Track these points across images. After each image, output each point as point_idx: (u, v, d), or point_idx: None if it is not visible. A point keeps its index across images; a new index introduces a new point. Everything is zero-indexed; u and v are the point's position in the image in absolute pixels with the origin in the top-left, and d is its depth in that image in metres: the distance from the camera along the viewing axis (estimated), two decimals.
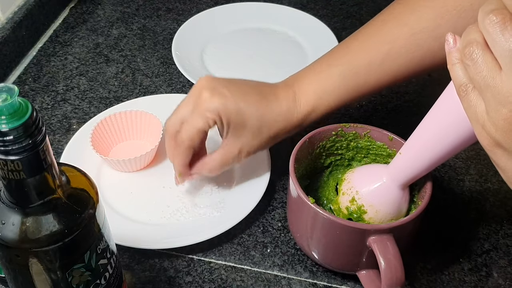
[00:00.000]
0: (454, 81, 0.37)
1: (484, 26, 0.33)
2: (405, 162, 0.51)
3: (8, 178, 0.36)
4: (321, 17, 0.93)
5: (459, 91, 0.36)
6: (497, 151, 0.35)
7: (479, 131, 0.36)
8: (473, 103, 0.35)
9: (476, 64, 0.34)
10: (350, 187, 0.55)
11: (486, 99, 0.34)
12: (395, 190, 0.53)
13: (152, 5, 0.98)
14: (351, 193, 0.55)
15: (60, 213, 0.39)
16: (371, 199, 0.54)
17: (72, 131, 0.73)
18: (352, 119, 0.76)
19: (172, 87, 0.81)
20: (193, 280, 0.57)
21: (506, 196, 0.66)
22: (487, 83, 0.34)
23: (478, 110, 0.35)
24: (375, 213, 0.54)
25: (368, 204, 0.54)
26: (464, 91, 0.36)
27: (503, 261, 0.60)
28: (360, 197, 0.54)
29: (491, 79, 0.33)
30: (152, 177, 0.67)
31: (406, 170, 0.51)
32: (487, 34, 0.33)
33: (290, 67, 0.84)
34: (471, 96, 0.36)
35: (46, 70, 0.83)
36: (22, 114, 0.34)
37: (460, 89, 0.36)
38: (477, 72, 0.34)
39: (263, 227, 0.63)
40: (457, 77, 0.36)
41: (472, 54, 0.34)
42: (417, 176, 0.51)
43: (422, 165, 0.49)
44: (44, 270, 0.40)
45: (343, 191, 0.56)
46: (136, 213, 0.63)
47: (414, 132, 0.49)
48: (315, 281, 0.58)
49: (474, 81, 0.35)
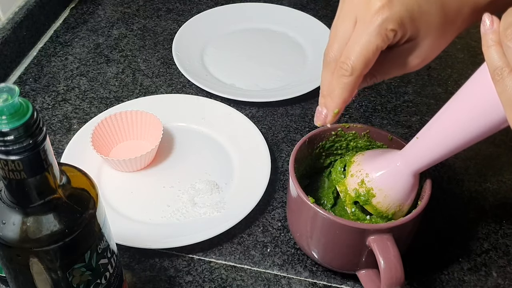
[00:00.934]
0: (489, 64, 0.36)
1: None
2: (422, 148, 0.49)
3: (9, 178, 0.36)
4: (321, 18, 0.93)
5: (493, 75, 0.35)
6: None
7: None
8: (508, 88, 0.34)
9: None
10: (359, 169, 0.54)
11: None
12: (407, 176, 0.51)
13: (152, 5, 0.98)
14: (361, 175, 0.53)
15: (60, 213, 0.39)
16: (381, 183, 0.52)
17: (72, 131, 0.73)
18: (351, 119, 0.76)
19: (172, 87, 0.81)
20: (193, 280, 0.58)
21: (505, 196, 0.66)
22: None
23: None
24: (384, 198, 0.52)
25: (377, 188, 0.52)
26: (499, 75, 0.35)
27: (503, 260, 0.60)
28: (370, 180, 0.52)
29: None
30: (152, 177, 0.67)
31: (422, 156, 0.49)
32: None
33: (290, 67, 0.85)
34: (507, 80, 0.34)
35: (47, 70, 0.84)
36: (22, 114, 0.34)
37: (495, 72, 0.35)
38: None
39: (263, 226, 0.63)
40: (493, 60, 0.35)
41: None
42: (432, 163, 0.49)
43: (440, 152, 0.47)
44: (44, 270, 0.40)
45: (351, 173, 0.54)
46: (136, 213, 0.63)
47: (434, 117, 0.46)
48: (315, 281, 0.58)
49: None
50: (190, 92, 0.80)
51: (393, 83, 0.82)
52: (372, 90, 0.81)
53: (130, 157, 0.64)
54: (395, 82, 0.83)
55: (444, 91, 0.81)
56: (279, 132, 0.74)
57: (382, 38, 0.42)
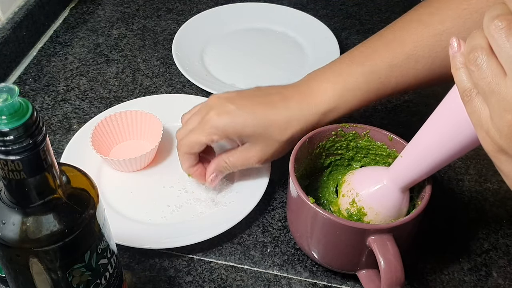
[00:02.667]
0: (458, 85, 0.36)
1: (489, 32, 0.33)
2: (406, 166, 0.51)
3: (9, 178, 0.36)
4: (321, 17, 0.93)
5: (463, 96, 0.36)
6: (501, 157, 0.35)
7: (483, 136, 0.35)
8: (477, 109, 0.35)
9: (480, 69, 0.34)
10: (350, 189, 0.55)
11: (491, 105, 0.34)
12: (395, 193, 0.53)
13: (152, 5, 0.98)
14: (351, 195, 0.55)
15: (60, 213, 0.39)
16: (371, 202, 0.54)
17: (72, 131, 0.73)
18: (352, 119, 0.76)
19: (172, 87, 0.81)
20: (193, 280, 0.57)
21: (505, 196, 0.66)
22: (492, 89, 0.33)
23: (482, 116, 0.35)
24: (375, 216, 0.54)
25: (368, 207, 0.54)
26: (468, 96, 0.36)
27: (503, 260, 0.60)
28: (360, 199, 0.54)
29: (495, 85, 0.33)
30: (152, 177, 0.67)
31: (407, 173, 0.51)
32: (492, 39, 0.33)
33: (290, 67, 0.85)
34: (475, 101, 0.35)
35: (47, 70, 0.83)
36: (22, 114, 0.34)
37: (464, 94, 0.36)
38: (481, 78, 0.34)
39: (263, 227, 0.63)
40: (461, 82, 0.36)
41: (477, 60, 0.34)
42: (418, 180, 0.51)
43: (422, 169, 0.49)
44: (44, 270, 0.40)
45: (343, 193, 0.56)
46: (136, 213, 0.63)
47: (416, 136, 0.49)
48: (315, 281, 0.58)
49: (479, 87, 0.34)
50: (190, 92, 0.80)
51: None
52: None
53: (130, 157, 0.64)
54: None
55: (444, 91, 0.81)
56: None
57: (206, 137, 0.58)
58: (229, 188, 0.66)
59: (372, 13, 0.97)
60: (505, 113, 0.33)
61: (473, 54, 0.34)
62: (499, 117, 0.33)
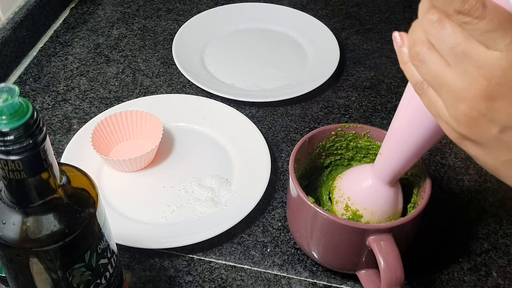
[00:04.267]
0: (409, 79, 0.36)
1: (424, 26, 0.33)
2: (385, 161, 0.51)
3: (9, 178, 0.36)
4: (320, 18, 0.93)
5: (416, 89, 0.36)
6: (465, 143, 0.35)
7: (444, 126, 0.35)
8: (432, 101, 0.35)
9: (424, 64, 0.34)
10: (341, 194, 0.55)
11: (443, 97, 0.34)
12: (384, 188, 0.53)
13: (152, 5, 0.98)
14: (344, 200, 0.55)
15: (60, 212, 0.39)
16: (364, 202, 0.54)
17: (72, 131, 0.73)
18: (351, 119, 0.76)
19: (172, 87, 0.81)
20: (193, 280, 0.58)
21: (505, 196, 0.66)
22: (440, 82, 0.33)
23: (438, 107, 0.35)
24: (371, 215, 0.54)
25: (362, 208, 0.54)
26: (421, 89, 0.35)
27: (502, 260, 0.60)
28: (353, 202, 0.54)
29: (442, 77, 0.33)
30: (152, 177, 0.67)
31: (388, 168, 0.51)
32: (428, 34, 0.33)
33: (290, 67, 0.85)
34: (429, 93, 0.35)
35: (47, 70, 0.84)
36: (22, 114, 0.34)
37: (417, 87, 0.36)
38: (427, 72, 0.34)
39: (263, 226, 0.63)
40: (412, 76, 0.36)
41: (419, 55, 0.34)
42: (400, 172, 0.51)
43: (400, 161, 0.49)
44: (44, 270, 0.40)
45: (336, 200, 0.56)
46: (136, 213, 0.63)
47: (387, 132, 0.49)
48: (315, 281, 0.58)
49: (427, 81, 0.34)
50: (190, 92, 0.80)
51: (393, 83, 0.82)
52: (372, 90, 0.81)
53: (130, 157, 0.64)
54: (395, 82, 0.83)
55: None
56: (279, 132, 0.74)
57: None
58: (229, 188, 0.66)
59: (372, 13, 0.97)
60: (457, 103, 0.33)
61: (415, 49, 0.34)
62: (452, 108, 0.33)
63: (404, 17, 0.95)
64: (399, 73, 0.84)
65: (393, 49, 0.40)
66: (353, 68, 0.85)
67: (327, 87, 0.81)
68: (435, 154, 0.72)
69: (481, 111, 0.32)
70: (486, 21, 0.30)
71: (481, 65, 0.31)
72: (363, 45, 0.90)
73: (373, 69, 0.85)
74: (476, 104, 0.32)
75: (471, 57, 0.31)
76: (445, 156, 0.71)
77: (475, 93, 0.32)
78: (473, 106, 0.32)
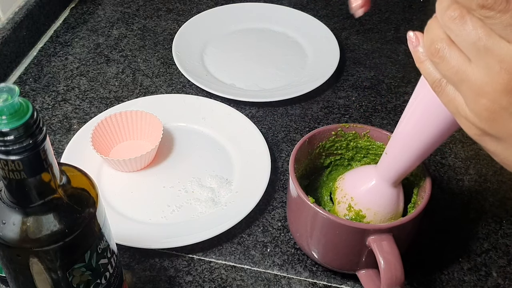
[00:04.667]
0: (427, 78, 0.36)
1: (445, 23, 0.33)
2: (391, 161, 0.51)
3: (9, 178, 0.36)
4: (320, 18, 0.93)
5: (434, 87, 0.36)
6: (485, 138, 0.35)
7: (464, 122, 0.35)
8: (451, 98, 0.35)
9: (445, 60, 0.34)
10: (344, 195, 0.55)
11: (463, 92, 0.34)
12: (388, 189, 0.53)
13: (152, 5, 0.98)
14: (346, 200, 0.55)
15: (60, 212, 0.39)
16: (368, 203, 0.54)
17: (72, 131, 0.73)
18: (351, 119, 0.76)
19: (172, 87, 0.81)
20: (193, 280, 0.58)
21: (505, 196, 0.66)
22: (460, 77, 0.33)
23: (458, 104, 0.35)
24: (374, 215, 0.54)
25: (365, 208, 0.54)
26: (439, 87, 0.36)
27: (502, 260, 0.60)
28: (356, 203, 0.54)
29: (463, 73, 0.33)
30: (152, 177, 0.67)
31: (393, 168, 0.51)
32: (449, 30, 0.33)
33: (290, 67, 0.85)
34: (447, 90, 0.35)
35: (47, 70, 0.84)
36: (22, 114, 0.34)
37: (435, 85, 0.36)
38: (448, 69, 0.34)
39: (263, 226, 0.63)
40: (429, 74, 0.36)
41: (440, 52, 0.34)
42: (405, 172, 0.51)
43: (406, 162, 0.49)
44: (44, 270, 0.40)
45: (338, 200, 0.56)
46: (136, 213, 0.63)
47: (395, 130, 0.49)
48: (315, 281, 0.58)
49: (447, 77, 0.34)
50: (190, 92, 0.80)
51: (393, 83, 0.82)
52: (372, 90, 0.81)
53: (130, 157, 0.64)
54: (395, 82, 0.83)
55: None
56: (279, 132, 0.74)
57: None
58: (229, 188, 0.66)
59: (372, 13, 0.97)
60: (478, 98, 0.33)
61: (434, 46, 0.34)
62: (474, 103, 0.33)
63: (404, 17, 0.95)
64: (399, 73, 0.84)
65: (393, 49, 0.40)
66: (353, 68, 0.85)
67: (327, 87, 0.81)
68: (435, 154, 0.72)
69: (503, 104, 0.32)
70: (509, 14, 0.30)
71: (503, 59, 0.31)
72: (363, 45, 0.90)
73: (373, 69, 0.85)
74: (498, 98, 0.32)
75: (493, 51, 0.31)
76: (445, 156, 0.71)
77: (497, 87, 0.32)
78: (495, 100, 0.32)
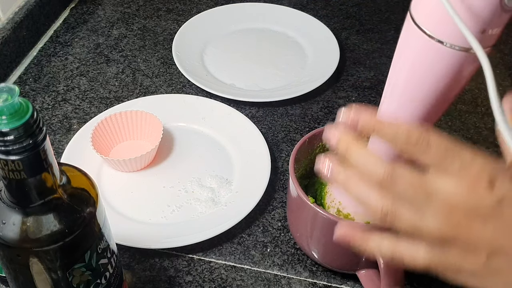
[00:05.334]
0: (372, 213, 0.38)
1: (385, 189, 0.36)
2: None
3: (9, 178, 0.36)
4: (320, 18, 0.93)
5: (384, 220, 0.38)
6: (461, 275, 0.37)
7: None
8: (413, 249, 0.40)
9: (397, 219, 0.36)
10: (332, 200, 0.55)
11: (424, 241, 0.37)
12: None
13: (152, 5, 0.98)
14: (335, 205, 0.55)
15: (60, 212, 0.39)
16: (355, 206, 0.53)
17: (72, 131, 0.73)
18: None
19: (172, 87, 0.81)
20: (193, 280, 0.58)
21: None
22: (418, 229, 0.36)
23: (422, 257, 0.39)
24: (363, 219, 0.53)
25: (353, 212, 0.54)
26: (387, 215, 0.37)
27: None
28: (344, 207, 0.54)
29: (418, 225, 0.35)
30: (152, 177, 0.67)
31: None
32: (388, 193, 0.36)
33: (290, 67, 0.85)
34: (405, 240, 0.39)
35: (47, 70, 0.84)
36: (22, 114, 0.34)
37: (382, 216, 0.37)
38: (403, 225, 0.37)
39: (263, 226, 0.63)
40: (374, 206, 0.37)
41: (389, 215, 0.36)
42: None
43: None
44: (44, 270, 0.40)
45: (327, 205, 0.56)
46: (136, 213, 0.63)
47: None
48: (315, 281, 0.58)
49: (404, 232, 0.37)
50: (190, 92, 0.80)
51: None
52: (372, 90, 0.81)
53: (130, 157, 0.64)
54: None
55: None
56: (279, 132, 0.74)
57: None
58: (229, 188, 0.66)
59: (372, 13, 0.97)
60: (441, 244, 0.36)
61: (383, 213, 0.36)
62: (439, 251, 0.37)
63: (404, 17, 0.95)
64: None
65: (393, 49, 0.40)
66: (353, 68, 0.85)
67: (327, 87, 0.81)
68: None
69: (462, 244, 0.34)
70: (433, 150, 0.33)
71: (445, 200, 0.33)
72: (363, 45, 0.90)
73: (373, 69, 0.85)
74: (457, 239, 0.34)
75: (436, 195, 0.33)
76: None
77: (449, 232, 0.34)
78: (456, 242, 0.34)
